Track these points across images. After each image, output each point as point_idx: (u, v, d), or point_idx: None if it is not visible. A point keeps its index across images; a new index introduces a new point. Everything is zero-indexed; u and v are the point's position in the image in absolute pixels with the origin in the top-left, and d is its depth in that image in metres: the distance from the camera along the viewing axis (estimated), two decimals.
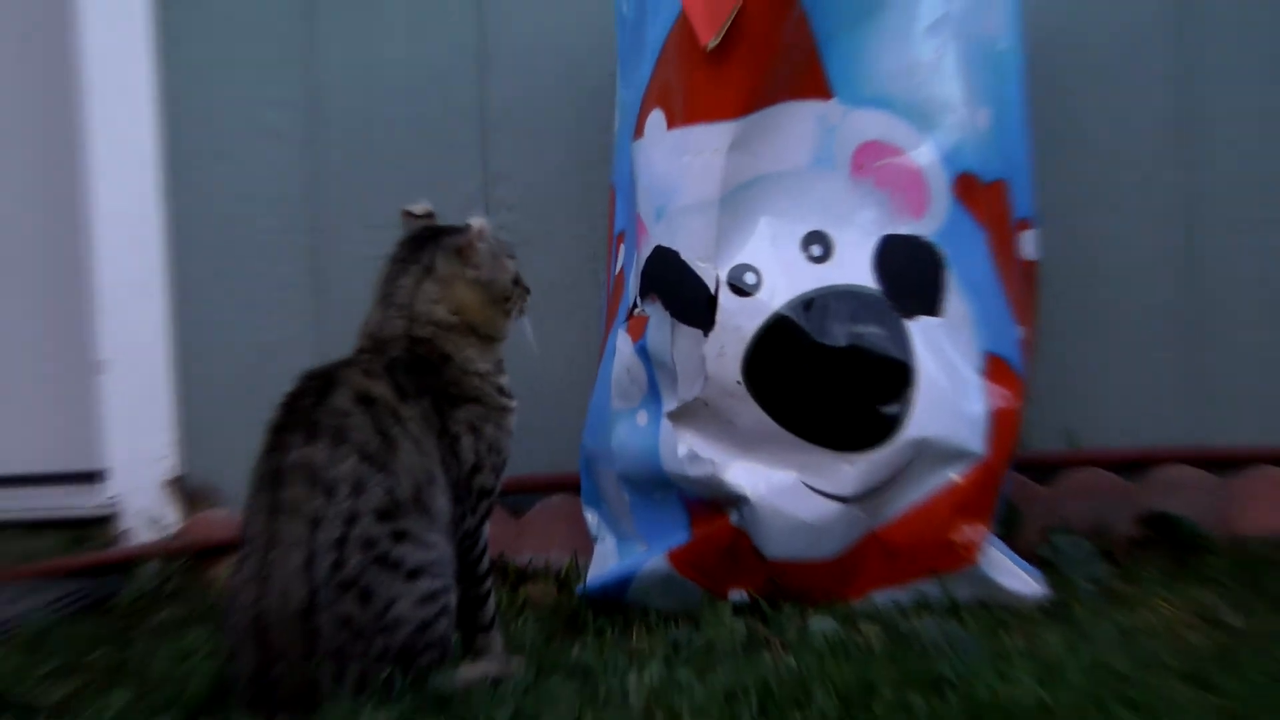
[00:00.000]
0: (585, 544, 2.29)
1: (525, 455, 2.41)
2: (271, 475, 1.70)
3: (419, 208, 1.89)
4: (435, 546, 1.73)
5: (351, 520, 1.68)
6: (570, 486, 2.35)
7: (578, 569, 2.31)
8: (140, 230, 2.46)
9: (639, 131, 2.10)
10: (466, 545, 1.82)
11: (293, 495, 1.68)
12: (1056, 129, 2.39)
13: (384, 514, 1.69)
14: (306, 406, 1.74)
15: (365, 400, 1.75)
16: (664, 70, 2.06)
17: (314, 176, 2.45)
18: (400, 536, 1.69)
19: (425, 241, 1.83)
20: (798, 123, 2.06)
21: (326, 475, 1.68)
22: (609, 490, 2.20)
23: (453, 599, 1.74)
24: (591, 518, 2.26)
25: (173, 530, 2.43)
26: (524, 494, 2.43)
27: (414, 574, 1.69)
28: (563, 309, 2.45)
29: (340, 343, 2.12)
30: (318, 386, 1.76)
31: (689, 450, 2.04)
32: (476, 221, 1.83)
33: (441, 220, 1.92)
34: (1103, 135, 2.43)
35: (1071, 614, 2.02)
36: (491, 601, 1.87)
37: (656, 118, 2.06)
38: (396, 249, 1.86)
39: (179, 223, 2.46)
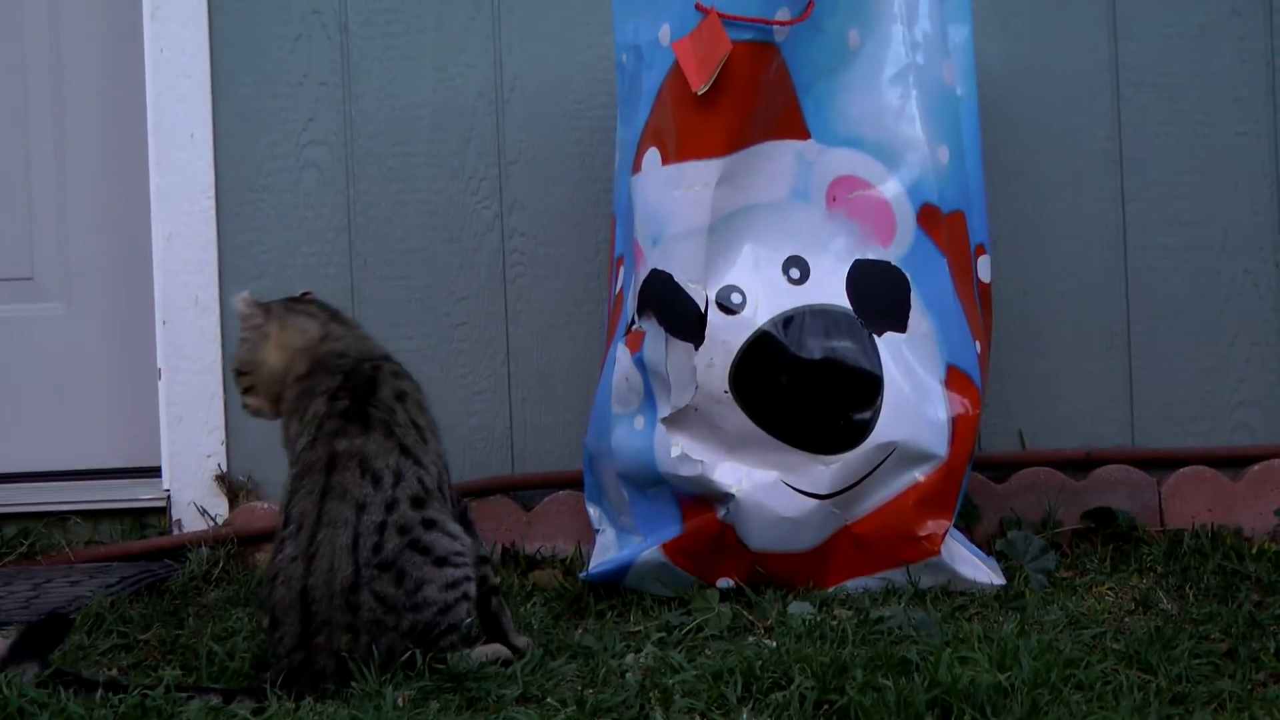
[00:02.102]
0: (588, 535, 2.24)
1: (535, 454, 2.43)
2: (326, 461, 1.67)
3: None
4: (458, 537, 1.70)
5: (391, 506, 1.66)
6: (575, 483, 2.31)
7: (581, 557, 2.26)
8: (197, 253, 2.44)
9: (637, 167, 2.07)
10: (471, 530, 1.78)
11: (344, 480, 1.67)
12: (1008, 165, 2.36)
13: (417, 501, 1.68)
14: (359, 400, 1.72)
15: (400, 396, 1.75)
16: (659, 113, 2.03)
17: (350, 206, 2.44)
18: (430, 524, 1.68)
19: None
20: (778, 160, 2.04)
21: (375, 465, 1.68)
22: (609, 487, 2.16)
23: (473, 588, 1.70)
24: (594, 511, 2.21)
25: (220, 520, 2.40)
26: (534, 489, 2.40)
27: (441, 561, 1.67)
28: (569, 323, 2.44)
29: None
30: (365, 382, 1.74)
31: (681, 452, 2.01)
32: None
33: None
34: (1049, 170, 2.40)
35: (1024, 601, 1.97)
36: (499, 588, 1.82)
37: (652, 155, 2.03)
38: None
39: (231, 247, 2.44)
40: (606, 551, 2.14)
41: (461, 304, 2.44)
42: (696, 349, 1.99)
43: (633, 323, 2.07)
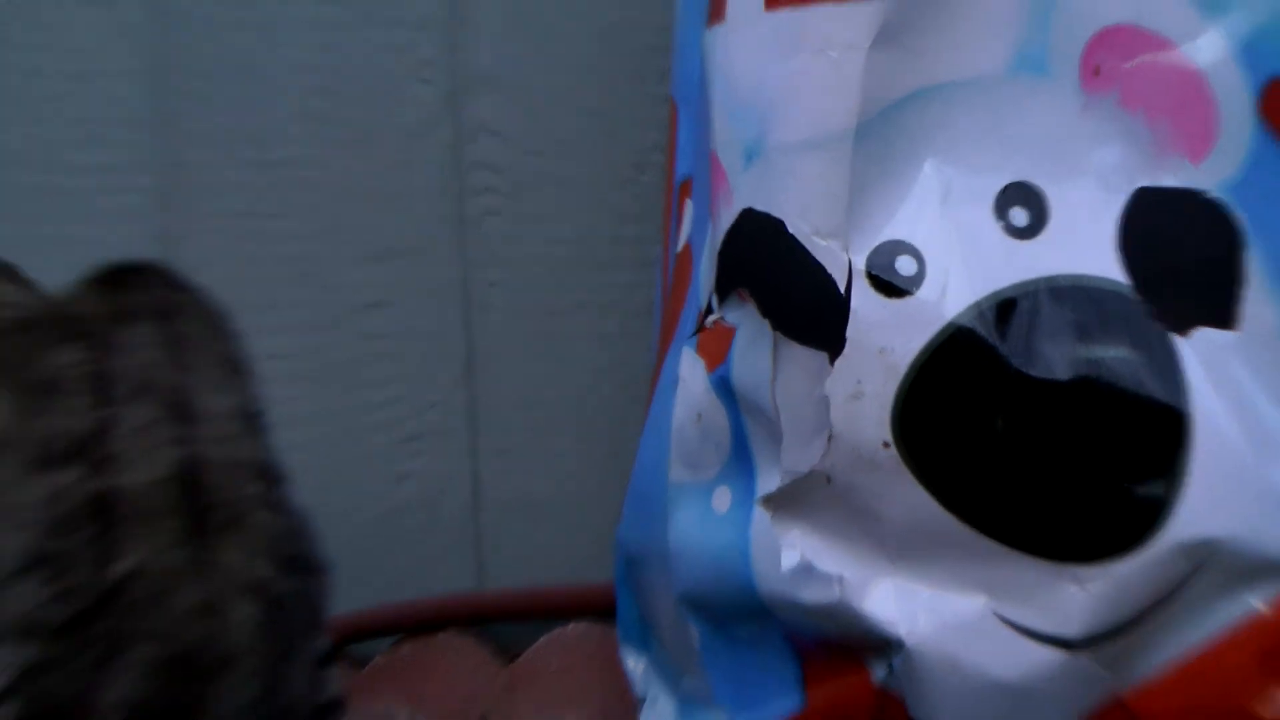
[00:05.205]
0: (623, 708, 2.26)
1: (518, 553, 2.50)
2: None
3: None
4: None
5: None
6: (599, 609, 2.37)
7: None
8: None
9: (717, 12, 2.06)
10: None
11: None
12: None
13: None
14: None
15: None
16: None
17: (161, 64, 2.51)
18: None
19: None
20: None
21: None
22: (663, 619, 2.15)
23: None
24: (634, 665, 2.23)
25: None
26: (518, 620, 2.46)
27: None
28: (587, 303, 2.52)
29: None
30: None
31: (801, 559, 1.99)
32: None
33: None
34: None
35: None
36: None
37: None
38: None
39: None
40: None
41: (379, 267, 2.49)
42: (831, 363, 1.96)
43: (709, 309, 2.05)
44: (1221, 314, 2.05)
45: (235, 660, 1.68)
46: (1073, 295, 2.04)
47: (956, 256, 2.04)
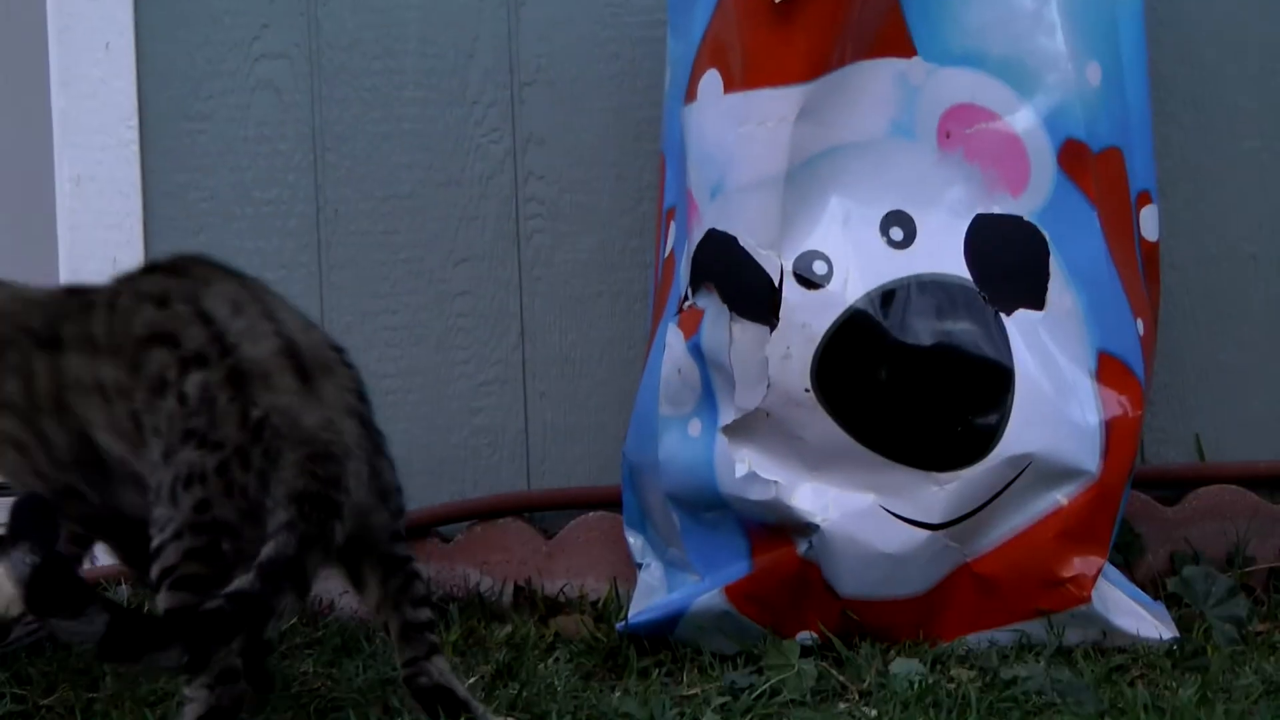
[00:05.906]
0: (627, 570, 2.34)
1: (557, 465, 2.50)
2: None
3: None
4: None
5: None
6: (611, 502, 2.40)
7: (618, 599, 2.35)
8: (115, 201, 2.47)
9: (691, 94, 2.14)
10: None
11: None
12: (1182, 86, 2.40)
13: None
14: None
15: None
16: (721, 23, 2.10)
17: (316, 139, 2.50)
18: None
19: None
20: (875, 85, 2.10)
21: None
22: (655, 509, 2.24)
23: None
24: (635, 540, 2.31)
25: None
26: (556, 509, 2.48)
27: None
28: (603, 293, 2.51)
29: (346, 329, 2.39)
30: None
31: (749, 469, 2.08)
32: None
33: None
34: (1240, 92, 2.42)
35: (1205, 660, 2.02)
36: None
37: (711, 79, 2.10)
38: None
39: (160, 192, 2.49)
40: (652, 594, 2.23)
41: (462, 268, 2.50)
42: (769, 333, 2.04)
43: (686, 297, 2.14)
44: (1034, 299, 2.12)
45: (351, 453, 1.71)
46: (933, 287, 2.10)
47: (854, 261, 2.10)
